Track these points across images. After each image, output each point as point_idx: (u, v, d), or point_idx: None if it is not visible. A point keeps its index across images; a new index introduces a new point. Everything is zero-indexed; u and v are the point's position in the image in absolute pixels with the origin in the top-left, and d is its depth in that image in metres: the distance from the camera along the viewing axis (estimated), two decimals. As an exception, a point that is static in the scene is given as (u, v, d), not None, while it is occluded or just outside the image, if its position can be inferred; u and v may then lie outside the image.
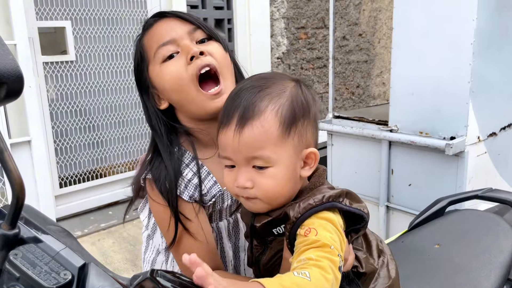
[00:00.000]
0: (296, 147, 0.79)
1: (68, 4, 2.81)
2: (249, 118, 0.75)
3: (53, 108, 2.85)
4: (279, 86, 0.79)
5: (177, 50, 0.94)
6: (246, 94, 0.78)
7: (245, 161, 0.77)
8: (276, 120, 0.76)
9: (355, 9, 4.55)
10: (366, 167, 2.20)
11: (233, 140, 0.76)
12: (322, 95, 4.43)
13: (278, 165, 0.77)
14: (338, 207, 0.77)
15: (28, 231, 0.50)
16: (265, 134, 0.75)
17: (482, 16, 1.74)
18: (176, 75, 0.93)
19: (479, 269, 1.14)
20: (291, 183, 0.79)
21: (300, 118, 0.79)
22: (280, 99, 0.78)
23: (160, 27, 0.97)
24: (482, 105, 1.85)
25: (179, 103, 0.98)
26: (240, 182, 0.78)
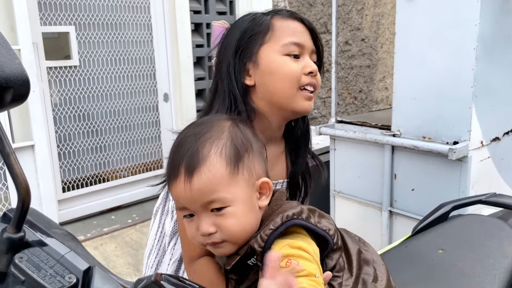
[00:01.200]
0: (248, 181, 0.80)
1: (72, 9, 2.83)
2: (195, 165, 0.77)
3: (56, 112, 2.87)
4: (217, 128, 0.81)
5: (300, 55, 1.03)
6: (187, 144, 0.79)
7: (202, 207, 0.78)
8: (222, 162, 0.78)
9: (357, 14, 4.56)
10: (369, 172, 2.20)
11: (185, 190, 0.77)
12: (325, 99, 4.43)
13: (235, 203, 0.78)
14: (298, 224, 0.76)
15: (33, 235, 0.50)
16: (215, 178, 0.77)
17: (485, 21, 1.74)
18: (294, 73, 1.01)
19: (483, 274, 1.14)
20: (252, 216, 0.80)
21: (244, 153, 0.81)
22: (221, 140, 0.79)
23: (298, 27, 1.04)
24: (485, 110, 1.85)
25: (275, 90, 1.03)
26: (203, 230, 0.78)
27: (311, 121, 4.16)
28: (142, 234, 2.88)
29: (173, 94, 3.39)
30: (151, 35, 3.23)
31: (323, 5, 4.24)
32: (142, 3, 3.15)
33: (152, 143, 3.36)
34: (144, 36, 3.20)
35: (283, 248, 0.73)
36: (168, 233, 1.12)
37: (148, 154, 3.35)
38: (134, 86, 3.20)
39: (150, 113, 3.32)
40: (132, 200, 3.27)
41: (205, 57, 3.55)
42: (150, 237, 1.18)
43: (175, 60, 3.33)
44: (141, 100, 3.25)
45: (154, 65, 3.28)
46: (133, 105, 3.22)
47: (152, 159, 3.38)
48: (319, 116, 4.43)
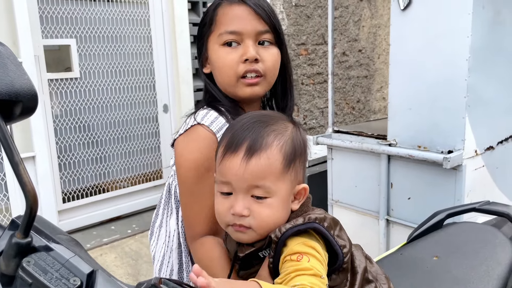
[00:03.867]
0: (292, 182, 0.84)
1: (73, 22, 2.88)
2: (257, 149, 0.80)
3: (57, 124, 2.90)
4: (282, 125, 0.85)
5: (239, 42, 1.03)
6: (254, 127, 0.82)
7: (246, 189, 0.80)
8: (280, 155, 0.81)
9: (354, 26, 4.63)
10: (366, 181, 2.23)
11: (240, 167, 0.79)
12: (323, 110, 4.47)
13: (276, 197, 0.81)
14: (317, 228, 0.78)
15: (40, 240, 0.53)
16: (270, 167, 0.80)
17: (477, 32, 1.78)
18: (228, 64, 1.03)
19: (477, 281, 1.16)
20: (283, 215, 0.83)
21: (298, 156, 0.85)
22: (284, 136, 0.83)
23: (237, 11, 1.03)
24: (478, 120, 1.88)
25: (220, 80, 1.08)
26: (238, 210, 0.80)
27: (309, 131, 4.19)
28: (141, 244, 2.89)
29: (172, 105, 3.42)
30: (151, 47, 3.28)
31: (321, 17, 4.30)
32: (142, 16, 3.20)
33: (152, 154, 3.39)
34: (144, 48, 3.25)
35: (297, 245, 0.76)
36: (175, 233, 1.13)
37: (147, 165, 3.38)
38: (134, 97, 3.23)
39: (150, 124, 3.35)
40: (131, 211, 3.29)
41: None
42: (157, 249, 1.17)
43: (175, 71, 3.37)
44: (141, 111, 3.29)
45: (154, 77, 3.32)
46: (133, 116, 3.25)
47: (151, 169, 3.40)
48: (318, 126, 4.47)
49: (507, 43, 1.99)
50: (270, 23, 1.05)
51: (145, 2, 3.20)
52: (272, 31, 1.06)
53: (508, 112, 2.10)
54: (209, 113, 1.04)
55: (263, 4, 1.05)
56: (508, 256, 1.24)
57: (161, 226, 1.16)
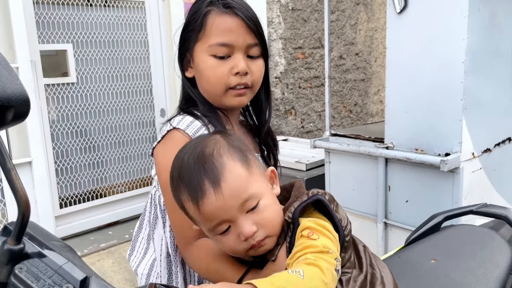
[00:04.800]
0: (261, 174, 0.85)
1: (70, 27, 2.88)
2: (218, 175, 0.78)
3: (54, 129, 2.89)
4: (212, 142, 0.83)
5: (229, 55, 1.02)
6: (197, 164, 0.80)
7: (239, 211, 0.79)
8: (237, 163, 0.81)
9: (351, 29, 4.64)
10: (364, 184, 2.22)
11: (218, 201, 0.77)
12: (320, 113, 4.48)
13: (264, 195, 0.82)
14: (320, 200, 0.81)
15: (33, 247, 0.53)
16: (240, 178, 0.79)
17: (473, 35, 1.79)
18: (218, 76, 1.02)
19: (474, 284, 1.15)
20: (277, 203, 0.85)
21: (246, 150, 0.85)
22: (223, 147, 0.82)
23: (229, 23, 1.02)
24: (475, 122, 1.88)
25: (205, 88, 1.07)
26: (247, 231, 0.78)
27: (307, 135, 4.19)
28: (139, 249, 2.88)
29: (169, 109, 3.42)
30: (147, 52, 3.28)
31: (317, 21, 4.31)
32: (138, 21, 3.21)
33: (149, 159, 3.38)
34: (141, 53, 3.25)
35: (308, 222, 0.78)
36: (162, 242, 1.11)
37: (145, 169, 3.37)
38: (131, 102, 3.23)
39: (147, 128, 3.35)
40: (129, 216, 3.28)
41: None
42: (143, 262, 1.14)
43: (172, 76, 3.37)
44: (138, 116, 3.28)
45: (151, 81, 3.32)
46: (130, 121, 3.25)
47: (148, 174, 3.40)
48: (315, 130, 4.47)
49: (503, 45, 2.00)
50: (259, 36, 1.05)
51: (142, 7, 3.21)
52: (260, 44, 1.06)
53: (505, 114, 2.10)
54: (185, 118, 1.03)
55: (253, 15, 1.04)
56: (506, 259, 1.24)
57: (149, 238, 1.14)
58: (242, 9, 1.02)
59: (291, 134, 4.18)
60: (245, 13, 1.02)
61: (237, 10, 1.02)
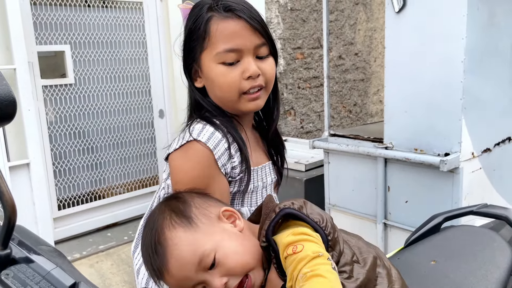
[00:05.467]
0: (212, 222, 0.83)
1: (67, 28, 2.87)
2: (164, 252, 0.80)
3: (52, 130, 2.88)
4: (154, 220, 0.85)
5: (238, 60, 1.00)
6: (148, 249, 0.83)
7: (200, 271, 0.79)
8: (178, 230, 0.81)
9: (350, 29, 4.63)
10: (363, 185, 2.21)
11: (175, 276, 0.80)
12: (320, 113, 4.46)
13: (219, 245, 0.80)
14: (291, 213, 0.79)
15: (20, 252, 0.51)
16: (185, 247, 0.79)
17: (472, 34, 1.77)
18: (230, 82, 1.00)
19: (475, 285, 1.14)
20: (241, 242, 0.83)
21: (187, 208, 0.84)
22: (164, 220, 0.83)
23: (233, 27, 0.98)
24: (475, 122, 1.87)
25: (218, 96, 1.04)
26: (217, 286, 0.79)
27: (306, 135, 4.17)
28: (138, 251, 2.86)
29: (168, 110, 3.41)
30: (146, 53, 3.27)
31: (316, 21, 4.30)
32: (136, 22, 3.19)
33: (148, 160, 3.37)
34: (139, 53, 3.24)
35: (287, 237, 0.76)
36: None
37: (144, 171, 3.36)
38: (129, 103, 3.22)
39: (146, 129, 3.34)
40: (128, 217, 3.26)
41: None
42: None
43: (170, 76, 3.36)
44: (136, 117, 3.27)
45: (149, 82, 3.31)
46: (129, 122, 3.23)
47: (147, 175, 3.38)
48: (314, 130, 4.46)
49: (502, 44, 1.99)
50: (265, 34, 1.03)
51: (140, 8, 3.20)
52: (268, 42, 1.04)
53: (505, 113, 2.09)
54: (205, 128, 1.00)
55: (256, 15, 1.02)
56: (506, 260, 1.22)
57: None
58: (244, 10, 1.00)
59: (290, 134, 4.17)
60: (248, 14, 1.00)
61: (239, 12, 0.99)
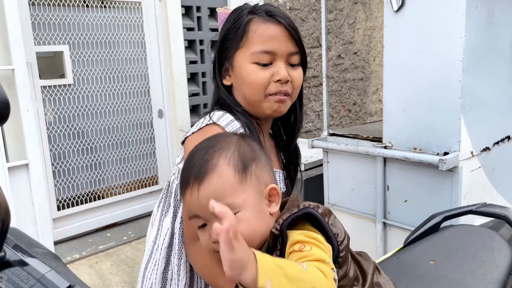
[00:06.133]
0: (257, 188, 0.83)
1: (66, 29, 2.86)
2: (204, 174, 0.80)
3: (51, 131, 2.87)
4: (225, 142, 0.85)
5: (271, 62, 1.04)
6: (197, 156, 0.84)
7: (213, 214, 0.80)
8: (230, 170, 0.81)
9: (349, 28, 4.62)
10: (362, 184, 2.21)
11: (193, 198, 0.81)
12: (319, 113, 4.46)
13: (245, 209, 0.81)
14: (312, 214, 0.79)
15: (14, 254, 0.51)
16: (223, 185, 0.80)
17: (470, 33, 1.77)
18: (260, 82, 1.03)
19: (474, 284, 1.14)
20: (262, 221, 0.83)
21: (251, 162, 0.84)
22: (229, 150, 0.83)
23: (272, 31, 1.03)
24: (474, 121, 1.86)
25: (246, 94, 1.07)
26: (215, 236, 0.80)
27: (305, 134, 4.18)
28: (137, 251, 2.87)
29: (167, 110, 3.40)
30: (144, 53, 3.26)
31: (315, 20, 4.29)
32: (135, 22, 3.19)
33: (147, 160, 3.37)
34: (138, 53, 3.23)
35: (299, 235, 0.76)
36: (167, 232, 1.11)
37: (143, 171, 3.36)
38: (128, 103, 3.21)
39: (145, 129, 3.33)
40: (127, 217, 3.26)
41: (199, 73, 3.58)
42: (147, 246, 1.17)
43: (169, 76, 3.35)
44: (135, 117, 3.27)
45: (148, 82, 3.30)
46: (128, 122, 3.23)
47: (147, 175, 3.38)
48: (314, 129, 4.45)
49: (501, 43, 1.98)
50: (300, 44, 1.07)
51: (139, 8, 3.19)
52: (300, 52, 1.08)
53: (504, 112, 2.08)
54: (225, 115, 1.05)
55: (293, 24, 1.07)
56: (506, 259, 1.22)
57: (153, 224, 1.15)
58: (284, 18, 1.05)
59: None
60: (287, 21, 1.05)
61: (279, 18, 1.04)
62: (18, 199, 2.55)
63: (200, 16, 3.50)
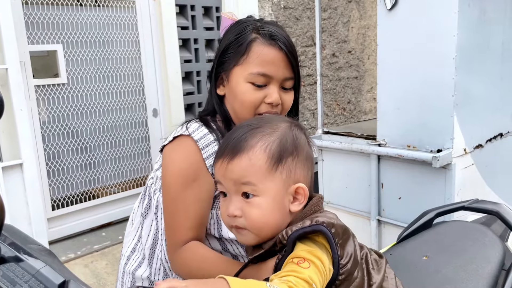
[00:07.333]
0: (284, 182, 0.83)
1: (60, 28, 2.85)
2: (239, 150, 0.82)
3: (45, 130, 2.86)
4: (272, 126, 0.86)
5: (265, 84, 1.07)
6: (240, 131, 0.85)
7: (235, 189, 0.83)
8: (264, 155, 0.82)
9: (343, 27, 4.63)
10: (357, 182, 2.22)
11: (221, 167, 0.83)
12: (314, 111, 4.47)
13: (265, 196, 0.81)
14: (324, 232, 0.76)
15: (9, 250, 0.51)
16: (252, 166, 0.81)
17: (463, 31, 1.79)
18: (253, 102, 1.07)
19: (466, 279, 1.15)
20: (278, 215, 0.82)
21: (289, 155, 0.84)
22: (271, 137, 0.84)
23: (273, 56, 1.06)
24: (467, 118, 1.88)
25: (236, 110, 1.11)
26: (230, 210, 0.82)
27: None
28: (133, 250, 2.86)
29: (162, 109, 3.40)
30: (139, 52, 3.25)
31: (309, 19, 4.30)
32: (129, 20, 3.18)
33: (142, 159, 3.36)
34: (132, 52, 3.23)
35: (303, 251, 0.75)
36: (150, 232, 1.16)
37: (138, 170, 3.35)
38: (123, 102, 3.21)
39: (140, 128, 3.33)
40: (122, 217, 3.25)
41: (194, 71, 3.58)
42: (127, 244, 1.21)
43: (164, 75, 3.35)
44: (130, 116, 3.26)
45: (143, 81, 3.30)
46: (122, 121, 3.22)
47: (142, 174, 3.38)
48: (309, 128, 4.47)
49: (493, 41, 2.00)
50: (296, 70, 1.11)
51: (133, 6, 3.18)
52: (295, 78, 1.11)
53: (496, 110, 2.10)
54: (200, 129, 1.08)
55: (293, 49, 1.10)
56: (497, 254, 1.23)
57: (133, 222, 1.21)
58: (286, 43, 1.07)
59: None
60: (289, 48, 1.08)
61: (281, 43, 1.07)
62: (12, 199, 2.54)
63: (194, 15, 3.50)
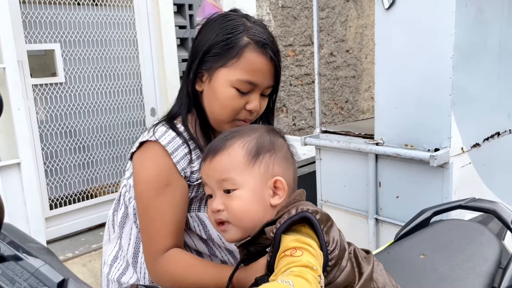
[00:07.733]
0: (262, 176, 0.88)
1: (57, 27, 2.85)
2: (219, 150, 0.90)
3: (42, 129, 2.86)
4: (251, 131, 0.93)
5: (249, 91, 1.07)
6: (221, 137, 0.93)
7: (217, 186, 0.89)
8: (242, 151, 0.89)
9: (341, 26, 4.64)
10: (354, 181, 2.23)
11: (205, 168, 0.91)
12: (312, 110, 4.47)
13: (244, 188, 0.87)
14: (309, 218, 0.80)
15: (9, 249, 0.51)
16: (231, 161, 0.88)
17: (460, 30, 1.79)
18: (234, 107, 1.07)
19: (463, 278, 1.16)
20: (258, 207, 0.87)
21: (266, 152, 0.90)
22: (249, 137, 0.91)
23: (263, 65, 1.06)
24: (464, 117, 1.89)
25: (213, 110, 1.11)
26: (213, 206, 0.88)
27: (298, 132, 4.18)
28: (131, 249, 2.86)
29: (160, 108, 3.40)
30: (137, 51, 3.25)
31: (307, 18, 4.31)
32: (127, 20, 3.18)
33: (140, 158, 3.36)
34: (130, 52, 3.22)
35: (291, 241, 0.77)
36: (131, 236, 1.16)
37: (136, 169, 3.35)
38: (120, 101, 3.21)
39: (137, 128, 3.33)
40: (120, 216, 3.25)
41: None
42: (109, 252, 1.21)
43: (161, 75, 3.35)
44: (128, 115, 3.26)
45: (141, 80, 3.30)
46: (120, 120, 3.22)
47: (140, 174, 3.37)
48: (307, 127, 4.47)
49: (490, 40, 2.01)
50: (277, 79, 1.12)
51: (130, 6, 3.18)
52: (274, 86, 1.13)
53: (494, 109, 2.11)
54: (167, 133, 1.07)
55: (280, 57, 1.11)
56: (494, 253, 1.24)
57: (109, 229, 1.23)
58: (274, 51, 1.08)
59: (282, 131, 4.18)
60: (277, 57, 1.09)
61: (271, 52, 1.07)
62: (10, 199, 2.54)
63: (192, 14, 3.50)
